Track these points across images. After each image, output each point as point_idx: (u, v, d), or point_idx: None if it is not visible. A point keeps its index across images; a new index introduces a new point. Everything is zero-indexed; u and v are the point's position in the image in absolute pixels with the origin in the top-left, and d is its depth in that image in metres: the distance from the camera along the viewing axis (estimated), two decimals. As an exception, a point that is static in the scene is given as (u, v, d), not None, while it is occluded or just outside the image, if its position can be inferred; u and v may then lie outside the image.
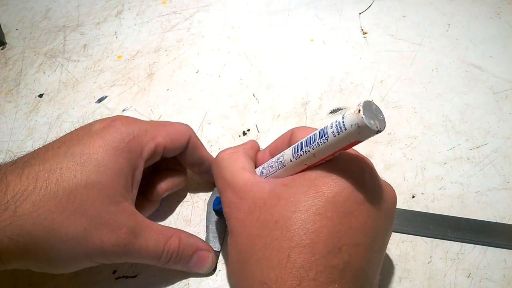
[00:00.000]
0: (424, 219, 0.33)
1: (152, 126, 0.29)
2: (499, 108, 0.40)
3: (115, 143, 0.26)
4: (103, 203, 0.24)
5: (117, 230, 0.25)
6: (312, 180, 0.23)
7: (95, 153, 0.25)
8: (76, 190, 0.24)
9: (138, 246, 0.26)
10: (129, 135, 0.27)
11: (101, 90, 0.44)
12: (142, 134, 0.28)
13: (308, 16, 0.51)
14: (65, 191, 0.23)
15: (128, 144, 0.26)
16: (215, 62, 0.46)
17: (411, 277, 0.30)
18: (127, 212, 0.26)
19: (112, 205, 0.25)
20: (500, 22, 0.49)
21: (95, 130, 0.27)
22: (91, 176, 0.24)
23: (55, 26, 0.52)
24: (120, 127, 0.27)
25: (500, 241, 0.32)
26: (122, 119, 0.28)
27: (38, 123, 0.42)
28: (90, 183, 0.24)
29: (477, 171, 0.36)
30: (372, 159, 0.37)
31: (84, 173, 0.24)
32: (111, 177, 0.25)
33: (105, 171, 0.25)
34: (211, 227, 0.32)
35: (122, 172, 0.26)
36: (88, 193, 0.24)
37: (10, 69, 0.47)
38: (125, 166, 0.26)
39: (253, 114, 0.41)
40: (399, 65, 0.45)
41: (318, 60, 0.46)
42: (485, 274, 0.30)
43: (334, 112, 0.41)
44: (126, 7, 0.54)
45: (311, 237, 0.21)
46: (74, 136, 0.27)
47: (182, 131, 0.31)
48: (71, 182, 0.24)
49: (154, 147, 0.28)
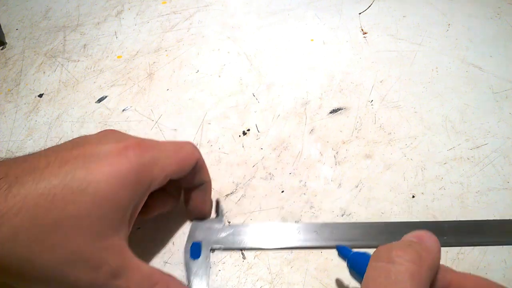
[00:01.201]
0: (405, 229, 0.32)
1: (164, 154, 0.27)
2: (499, 108, 0.40)
3: (123, 173, 0.24)
4: (88, 238, 0.23)
5: (97, 268, 0.23)
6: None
7: (97, 181, 0.23)
8: (63, 221, 0.22)
9: (116, 287, 0.24)
10: (139, 165, 0.25)
11: (101, 90, 0.44)
12: (153, 165, 0.26)
13: (308, 16, 0.51)
14: (51, 220, 0.21)
15: (137, 176, 0.25)
16: (215, 62, 0.46)
17: (411, 277, 0.30)
18: (114, 249, 0.24)
19: (99, 241, 0.23)
20: (500, 22, 0.49)
21: (104, 154, 0.24)
22: (84, 207, 0.22)
23: (55, 26, 0.52)
24: (132, 156, 0.25)
25: (481, 239, 0.32)
26: (135, 147, 0.25)
27: (38, 123, 0.42)
28: (79, 216, 0.22)
29: (477, 171, 0.36)
30: (372, 159, 0.37)
31: (78, 203, 0.22)
32: (106, 210, 0.23)
33: (102, 203, 0.23)
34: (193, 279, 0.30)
35: (121, 205, 0.24)
36: (74, 227, 0.22)
37: (10, 69, 0.47)
38: (127, 198, 0.24)
39: (253, 114, 0.41)
40: (399, 65, 0.45)
41: (318, 60, 0.46)
42: (485, 274, 0.30)
43: (334, 112, 0.41)
44: (126, 7, 0.54)
45: None
46: (81, 154, 0.24)
47: (191, 155, 0.29)
48: (60, 212, 0.22)
49: (163, 178, 0.27)
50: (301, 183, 0.36)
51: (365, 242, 0.32)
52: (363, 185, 0.35)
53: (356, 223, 0.33)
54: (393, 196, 0.35)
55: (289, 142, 0.39)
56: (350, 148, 0.38)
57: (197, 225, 0.32)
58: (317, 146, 0.38)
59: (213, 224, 0.32)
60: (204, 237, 0.32)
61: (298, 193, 0.35)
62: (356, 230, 0.32)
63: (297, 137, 0.39)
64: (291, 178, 0.36)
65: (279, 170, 0.37)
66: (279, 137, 0.39)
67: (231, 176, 0.37)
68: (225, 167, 0.37)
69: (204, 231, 0.32)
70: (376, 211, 0.34)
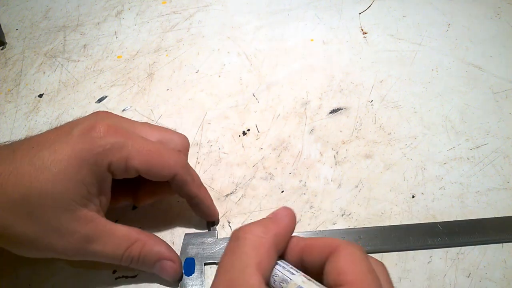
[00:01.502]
0: (400, 232, 0.32)
1: (135, 146, 0.28)
2: (499, 108, 0.40)
3: (83, 153, 0.26)
4: (55, 211, 0.25)
5: (68, 236, 0.26)
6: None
7: (59, 160, 0.25)
8: (30, 196, 0.25)
9: (92, 250, 0.27)
10: (99, 147, 0.26)
11: (101, 90, 0.44)
12: (115, 150, 0.27)
13: (308, 16, 0.51)
14: (19, 195, 0.25)
15: (95, 157, 0.26)
16: (215, 62, 0.46)
17: (411, 277, 0.30)
18: (84, 220, 0.26)
19: (66, 213, 0.26)
20: (500, 22, 0.49)
21: (72, 135, 0.27)
22: (47, 184, 0.25)
23: (55, 26, 0.52)
24: (95, 136, 0.27)
25: (473, 238, 0.32)
26: (104, 127, 0.27)
27: (38, 123, 0.42)
28: (44, 192, 0.25)
29: (477, 171, 0.36)
30: (372, 159, 0.37)
31: (41, 181, 0.25)
32: (69, 187, 0.25)
33: (63, 180, 0.25)
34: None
35: (83, 183, 0.26)
36: (40, 201, 0.25)
37: (10, 69, 0.48)
38: (87, 177, 0.26)
39: (253, 114, 0.41)
40: (399, 65, 0.45)
41: (318, 60, 0.46)
42: (485, 274, 0.30)
43: (334, 112, 0.41)
44: (126, 7, 0.54)
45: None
46: (51, 136, 0.27)
47: (167, 165, 0.28)
48: (26, 188, 0.25)
49: (124, 167, 0.27)
50: (301, 183, 0.36)
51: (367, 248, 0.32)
52: (363, 185, 0.35)
53: (354, 228, 0.33)
54: (393, 196, 0.35)
55: (289, 142, 0.39)
56: (350, 148, 0.38)
57: (189, 240, 0.32)
58: (317, 146, 0.38)
59: (206, 239, 0.32)
60: (197, 252, 0.31)
61: (298, 193, 0.35)
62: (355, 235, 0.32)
63: (297, 137, 0.39)
64: (291, 178, 0.36)
65: (279, 170, 0.37)
66: (279, 137, 0.39)
67: (231, 176, 0.37)
68: (225, 167, 0.37)
69: (197, 246, 0.32)
70: (376, 211, 0.34)
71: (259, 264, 0.21)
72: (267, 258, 0.22)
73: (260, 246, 0.22)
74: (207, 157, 0.38)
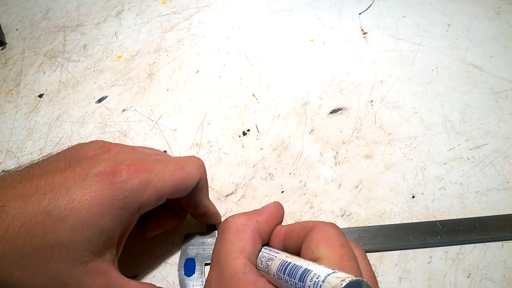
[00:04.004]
0: (400, 231, 0.32)
1: (158, 176, 0.26)
2: (499, 108, 0.40)
3: (106, 200, 0.24)
4: (68, 265, 0.23)
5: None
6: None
7: (77, 209, 0.23)
8: (43, 249, 0.23)
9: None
10: (125, 191, 0.25)
11: (101, 90, 0.44)
12: (143, 189, 0.25)
13: (308, 16, 0.51)
14: (31, 247, 0.23)
15: (122, 201, 0.24)
16: (215, 62, 0.46)
17: (411, 277, 0.30)
18: (96, 273, 0.24)
19: (78, 267, 0.24)
20: (500, 22, 0.48)
21: (90, 180, 0.25)
22: (63, 236, 0.23)
23: (55, 26, 0.52)
24: (118, 182, 0.25)
25: (473, 236, 0.32)
26: (125, 171, 0.25)
27: (38, 123, 0.42)
28: (58, 243, 0.23)
29: (477, 171, 0.36)
30: (372, 159, 0.37)
31: (57, 232, 0.23)
32: (86, 236, 0.24)
33: (82, 230, 0.23)
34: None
35: (105, 230, 0.24)
36: (53, 254, 0.23)
37: (10, 69, 0.47)
38: (110, 224, 0.24)
39: (253, 114, 0.41)
40: (399, 65, 0.45)
41: (318, 60, 0.46)
42: (485, 274, 0.30)
43: (334, 112, 0.41)
44: (126, 7, 0.54)
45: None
46: (71, 178, 0.25)
47: (191, 176, 0.28)
48: (40, 241, 0.23)
49: (154, 201, 0.26)
50: (301, 183, 0.36)
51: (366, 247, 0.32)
52: (363, 185, 0.35)
53: (354, 227, 0.33)
54: (393, 196, 0.35)
55: (289, 142, 0.39)
56: (350, 148, 0.38)
57: (189, 241, 0.32)
58: (317, 146, 0.38)
59: (206, 239, 0.32)
60: (198, 252, 0.31)
61: (298, 193, 0.35)
62: (355, 234, 0.32)
63: (297, 137, 0.39)
64: (291, 178, 0.36)
65: (279, 170, 0.37)
66: (279, 137, 0.39)
67: (231, 176, 0.37)
68: (225, 167, 0.37)
69: (197, 246, 0.32)
70: (376, 211, 0.34)
71: (243, 248, 0.24)
72: (250, 243, 0.24)
73: (243, 232, 0.24)
74: (207, 157, 0.38)
